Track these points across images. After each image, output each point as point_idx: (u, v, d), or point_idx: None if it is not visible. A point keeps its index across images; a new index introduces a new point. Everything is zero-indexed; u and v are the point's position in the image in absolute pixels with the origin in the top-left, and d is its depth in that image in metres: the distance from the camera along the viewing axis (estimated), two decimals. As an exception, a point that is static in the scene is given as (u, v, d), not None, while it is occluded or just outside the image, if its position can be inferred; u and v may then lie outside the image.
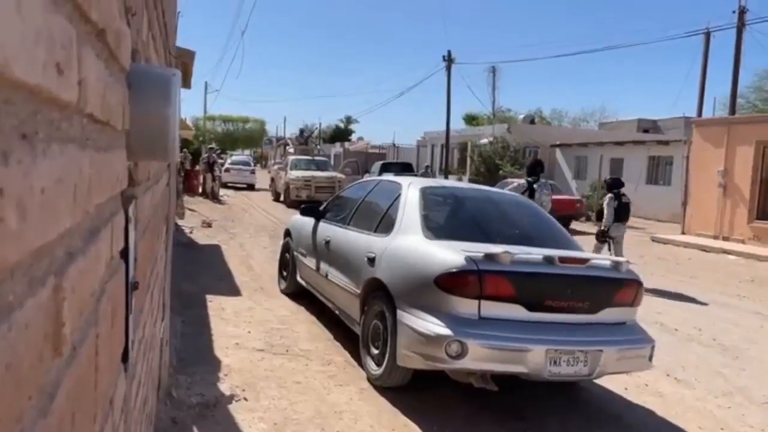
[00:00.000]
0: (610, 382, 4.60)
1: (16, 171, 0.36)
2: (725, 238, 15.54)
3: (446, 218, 4.85)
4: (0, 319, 0.34)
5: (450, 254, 3.87)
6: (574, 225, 17.47)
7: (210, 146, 24.60)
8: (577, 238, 5.15)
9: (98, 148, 0.75)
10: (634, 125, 37.50)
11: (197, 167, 21.84)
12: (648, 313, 6.52)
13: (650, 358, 4.03)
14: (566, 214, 16.69)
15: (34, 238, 0.41)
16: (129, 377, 1.27)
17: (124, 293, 1.12)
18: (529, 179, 8.05)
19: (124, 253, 1.13)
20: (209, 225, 12.65)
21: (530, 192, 7.76)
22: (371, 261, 4.51)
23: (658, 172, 22.53)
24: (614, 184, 9.39)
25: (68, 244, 0.57)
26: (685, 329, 6.51)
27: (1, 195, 0.33)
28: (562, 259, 3.93)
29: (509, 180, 19.17)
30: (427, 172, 23.62)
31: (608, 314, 4.04)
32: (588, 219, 19.33)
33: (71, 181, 0.55)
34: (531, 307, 3.80)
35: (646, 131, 35.07)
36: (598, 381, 4.54)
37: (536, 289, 3.87)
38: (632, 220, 19.14)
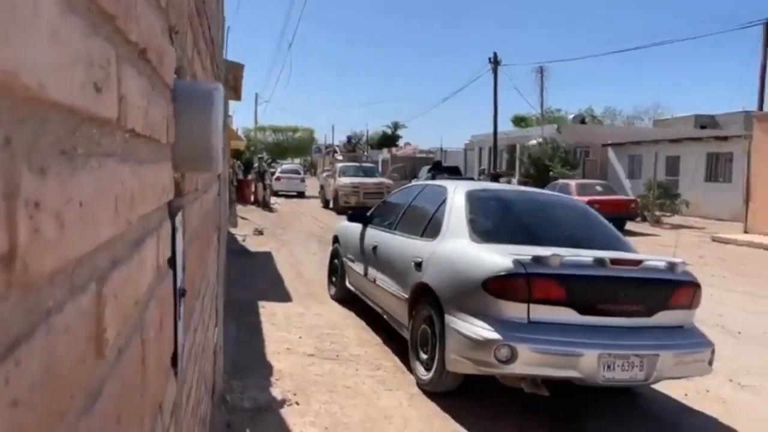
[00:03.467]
0: (669, 388, 4.44)
1: (54, 185, 0.39)
2: (793, 237, 14.75)
3: (493, 221, 4.80)
4: (39, 322, 0.37)
5: (497, 257, 3.83)
6: (630, 225, 16.96)
7: (260, 156, 25.18)
8: (632, 239, 5.01)
9: (141, 161, 0.79)
10: (691, 121, 36.21)
11: (249, 177, 22.38)
12: (709, 315, 6.27)
13: (710, 363, 3.87)
14: (620, 214, 16.24)
15: (72, 248, 0.44)
16: (179, 381, 1.31)
17: (172, 300, 1.17)
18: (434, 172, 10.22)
19: (172, 261, 1.17)
20: (261, 233, 12.93)
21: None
22: (418, 266, 4.51)
23: (717, 169, 21.63)
24: None
25: (111, 252, 0.60)
26: (749, 332, 6.21)
27: (37, 208, 0.36)
28: (614, 261, 3.82)
29: (560, 181, 18.82)
30: (482, 176, 23.40)
31: (664, 317, 3.90)
32: (644, 219, 18.75)
33: (112, 194, 0.58)
34: (582, 311, 3.72)
35: (703, 127, 33.78)
36: (656, 386, 4.39)
37: (587, 292, 3.78)
38: (691, 220, 18.50)
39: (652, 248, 11.21)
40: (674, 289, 3.94)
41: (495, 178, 21.19)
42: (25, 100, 0.35)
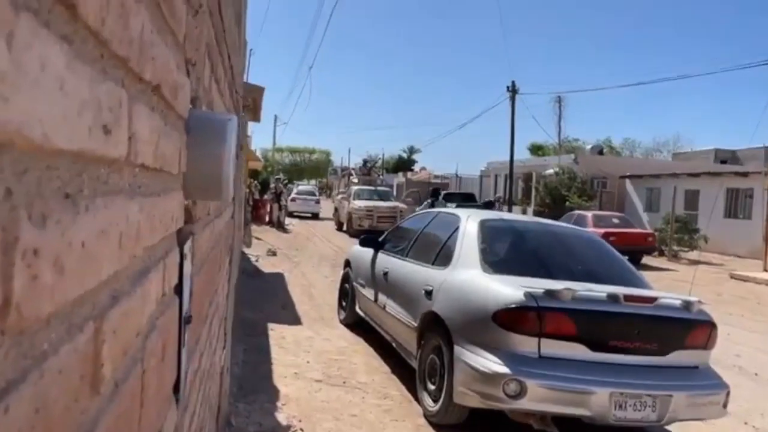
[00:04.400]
0: (683, 430, 4.33)
1: (54, 232, 0.40)
2: (814, 277, 14.45)
3: (506, 252, 4.77)
4: (32, 367, 0.38)
5: (509, 290, 3.80)
6: (647, 260, 16.75)
7: (277, 177, 25.43)
8: (649, 274, 4.94)
9: (150, 193, 0.80)
10: (711, 155, 35.93)
11: (265, 197, 22.56)
12: (726, 355, 6.14)
13: (725, 405, 3.78)
14: (637, 248, 16.06)
15: (72, 289, 0.45)
16: (181, 408, 1.31)
17: (176, 327, 1.18)
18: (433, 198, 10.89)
19: (178, 288, 1.18)
20: (274, 253, 12.97)
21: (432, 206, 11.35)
22: (428, 294, 4.49)
23: (737, 205, 21.37)
24: None
25: (112, 287, 0.61)
26: (767, 374, 6.06)
27: (36, 255, 0.37)
28: (628, 298, 3.77)
29: (576, 212, 18.70)
30: (495, 204, 23.33)
31: (679, 357, 3.83)
32: (661, 253, 18.51)
33: (116, 231, 0.59)
34: (594, 347, 3.66)
35: (723, 162, 33.48)
36: (669, 428, 4.29)
37: (600, 328, 3.73)
38: (709, 256, 18.22)
39: (669, 284, 11.05)
40: (689, 328, 3.88)
41: (489, 205, 20.82)
42: (28, 153, 0.36)
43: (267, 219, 21.27)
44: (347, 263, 7.21)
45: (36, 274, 0.37)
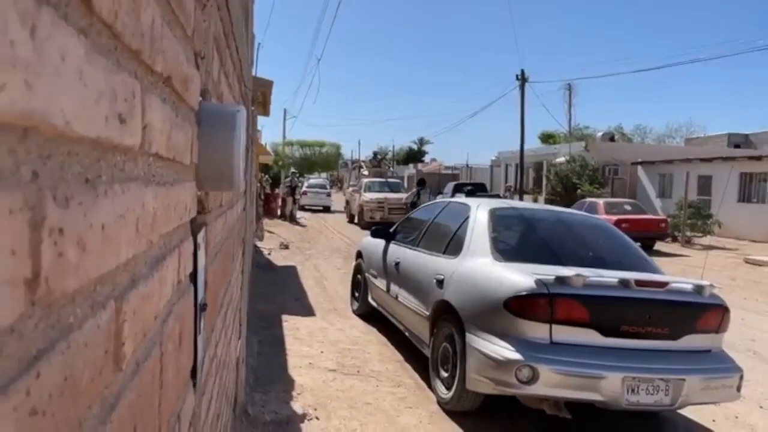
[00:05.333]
0: (697, 413, 4.34)
1: (77, 213, 0.43)
2: (831, 260, 14.28)
3: (516, 240, 4.78)
4: (60, 338, 0.41)
5: (520, 277, 3.81)
6: (659, 246, 16.66)
7: (293, 171, 25.51)
8: (661, 260, 4.94)
9: (164, 183, 0.83)
10: (724, 140, 35.54)
11: (276, 191, 22.65)
12: (741, 340, 6.12)
13: (738, 389, 3.78)
14: (650, 234, 15.96)
15: (93, 269, 0.48)
16: (198, 393, 1.35)
17: (192, 314, 1.21)
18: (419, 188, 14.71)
19: (193, 276, 1.22)
20: (287, 247, 13.05)
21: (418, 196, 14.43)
22: (440, 283, 4.51)
23: (751, 189, 21.13)
24: None
25: (132, 270, 0.64)
26: (783, 358, 6.03)
27: (61, 234, 0.40)
28: (639, 283, 3.77)
29: (588, 200, 18.60)
30: (507, 193, 23.24)
31: (691, 341, 3.83)
32: (674, 239, 18.39)
33: (133, 216, 0.62)
34: (606, 332, 3.67)
35: (737, 146, 33.12)
36: (682, 411, 4.29)
37: (611, 314, 3.73)
38: (723, 241, 18.08)
39: (682, 269, 10.99)
40: (701, 312, 3.87)
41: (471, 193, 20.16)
42: (52, 138, 0.39)
43: (279, 212, 21.38)
44: (359, 254, 7.25)
45: (62, 252, 0.40)
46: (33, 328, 0.36)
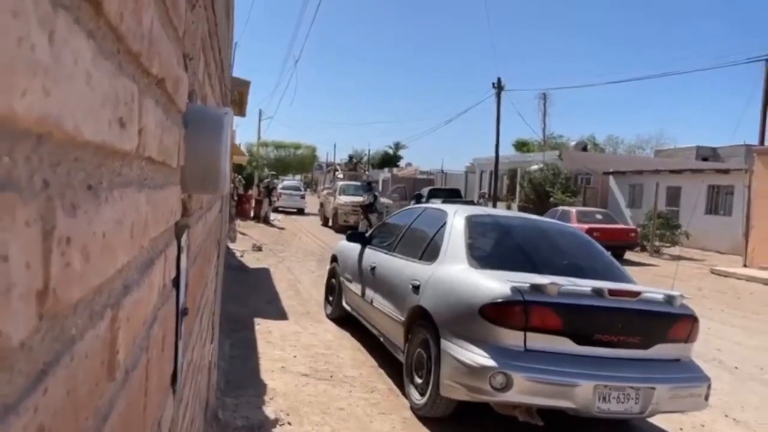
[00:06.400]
0: (665, 422, 4.42)
1: (82, 221, 0.42)
2: (792, 272, 14.73)
3: (492, 247, 4.82)
4: (63, 350, 0.39)
5: (495, 284, 3.84)
6: (629, 255, 16.96)
7: (272, 173, 25.25)
8: (631, 269, 5.02)
9: (154, 186, 0.82)
10: (692, 153, 36.39)
11: (249, 192, 22.43)
12: (707, 349, 6.25)
13: (706, 398, 3.86)
14: (620, 243, 16.25)
15: (95, 277, 0.46)
16: (177, 399, 1.33)
17: (174, 319, 1.19)
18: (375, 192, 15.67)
19: (176, 281, 1.20)
20: (260, 249, 12.93)
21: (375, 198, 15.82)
22: (416, 288, 4.52)
23: (718, 201, 21.69)
24: None
25: (125, 277, 0.62)
26: (746, 368, 6.19)
27: (68, 243, 0.39)
28: (612, 292, 3.83)
29: (560, 208, 18.86)
30: (482, 200, 23.40)
31: (661, 350, 3.91)
32: (643, 249, 18.75)
33: (129, 221, 0.60)
34: (579, 341, 3.72)
35: (705, 159, 33.94)
36: (651, 420, 4.37)
37: (585, 322, 3.78)
38: (690, 252, 18.49)
39: (651, 278, 11.21)
40: (672, 322, 3.95)
41: (418, 198, 19.07)
42: (61, 144, 0.38)
43: (252, 214, 21.17)
44: (334, 258, 7.22)
45: (69, 262, 0.39)
46: (40, 342, 0.35)
